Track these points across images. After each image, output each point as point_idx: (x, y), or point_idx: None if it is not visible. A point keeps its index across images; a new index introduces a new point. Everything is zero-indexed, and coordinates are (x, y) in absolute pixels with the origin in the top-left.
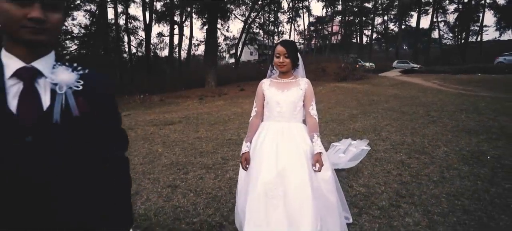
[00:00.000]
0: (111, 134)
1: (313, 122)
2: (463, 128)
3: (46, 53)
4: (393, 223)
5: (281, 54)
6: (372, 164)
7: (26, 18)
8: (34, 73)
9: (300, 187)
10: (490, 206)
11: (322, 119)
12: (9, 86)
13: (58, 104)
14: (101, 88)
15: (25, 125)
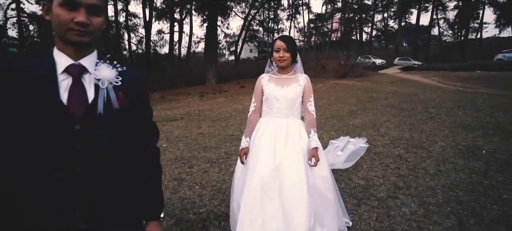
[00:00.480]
0: (145, 126)
1: (311, 117)
2: (460, 124)
3: (90, 52)
4: (390, 213)
5: (281, 48)
6: (371, 158)
7: (73, 22)
8: (81, 69)
9: (296, 182)
10: (483, 197)
11: (322, 115)
12: (60, 81)
13: (101, 97)
14: (136, 84)
15: (74, 115)
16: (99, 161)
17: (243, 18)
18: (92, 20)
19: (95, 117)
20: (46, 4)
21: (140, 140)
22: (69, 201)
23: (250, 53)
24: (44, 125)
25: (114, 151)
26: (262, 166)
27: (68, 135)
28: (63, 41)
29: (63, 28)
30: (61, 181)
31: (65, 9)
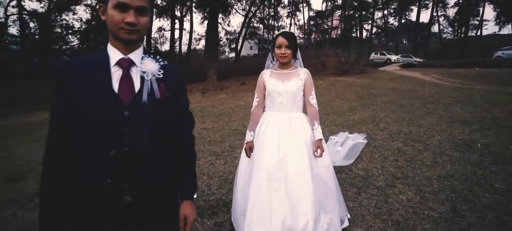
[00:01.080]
0: (183, 115)
1: (313, 110)
2: (457, 119)
3: (138, 48)
4: (388, 200)
5: (283, 45)
6: (371, 151)
7: (123, 22)
8: (129, 62)
9: (300, 172)
10: (476, 186)
11: (323, 111)
12: (113, 72)
13: (146, 88)
14: (175, 77)
15: (123, 102)
16: (143, 144)
17: (243, 15)
18: (139, 20)
19: (140, 105)
20: (102, 6)
21: (178, 127)
22: (118, 176)
23: (250, 50)
24: (99, 110)
25: (156, 135)
26: (268, 158)
27: (118, 119)
28: (116, 38)
29: (116, 27)
30: (113, 158)
31: (118, 10)
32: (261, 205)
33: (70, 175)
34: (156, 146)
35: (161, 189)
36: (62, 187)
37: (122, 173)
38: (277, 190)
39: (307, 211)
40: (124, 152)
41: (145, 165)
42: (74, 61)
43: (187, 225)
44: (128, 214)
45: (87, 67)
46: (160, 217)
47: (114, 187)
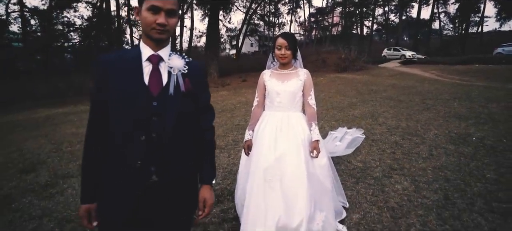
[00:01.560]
0: (205, 107)
1: (312, 111)
2: (454, 114)
3: (166, 45)
4: (384, 189)
5: (283, 46)
6: (369, 145)
7: (155, 23)
8: (159, 58)
9: (296, 172)
10: (468, 176)
11: (323, 106)
12: (144, 67)
13: (173, 81)
14: (199, 73)
15: (153, 94)
16: (169, 131)
17: (244, 12)
18: (169, 21)
19: (167, 97)
20: (137, 8)
21: (200, 118)
22: (147, 159)
23: (251, 47)
24: (132, 100)
25: (180, 124)
26: (265, 157)
27: (148, 109)
28: (148, 37)
29: (148, 27)
30: (143, 143)
31: (151, 12)
32: (256, 204)
33: (106, 155)
34: (180, 134)
35: (183, 173)
36: (100, 165)
37: (150, 156)
38: (272, 189)
39: (302, 209)
40: (152, 137)
41: (170, 150)
42: (111, 57)
43: (206, 207)
44: (154, 192)
45: (122, 62)
46: (181, 197)
47: (143, 168)
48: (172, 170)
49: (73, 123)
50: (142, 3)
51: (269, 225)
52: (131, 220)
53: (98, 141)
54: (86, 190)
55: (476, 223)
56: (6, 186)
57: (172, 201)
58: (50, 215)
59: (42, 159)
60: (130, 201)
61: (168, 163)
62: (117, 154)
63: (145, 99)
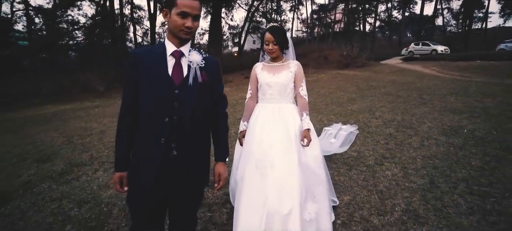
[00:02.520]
0: (219, 96)
1: (303, 101)
2: (450, 108)
3: (187, 43)
4: (375, 175)
5: (270, 41)
6: (364, 136)
7: (184, 26)
8: (180, 54)
9: (287, 160)
10: (455, 164)
11: (322, 102)
12: (168, 60)
13: (192, 73)
14: (214, 67)
15: (175, 83)
16: (188, 115)
17: (246, 9)
18: (194, 24)
19: (187, 86)
20: (166, 11)
21: (215, 105)
22: (169, 137)
23: (253, 44)
24: (158, 88)
25: (198, 110)
26: (256, 147)
27: (171, 95)
28: (175, 36)
29: (177, 29)
30: (166, 123)
31: (180, 17)
32: (248, 191)
33: (136, 132)
34: (197, 117)
35: (198, 149)
36: (130, 138)
37: (172, 135)
38: (264, 177)
39: (293, 196)
40: (174, 120)
41: (189, 130)
42: (142, 51)
43: (221, 180)
44: (176, 163)
45: (151, 56)
46: (196, 170)
47: (166, 144)
48: (189, 147)
49: (81, 118)
50: (172, 8)
51: (261, 212)
52: (154, 187)
53: (129, 121)
54: (119, 160)
55: (456, 203)
56: (25, 173)
57: (188, 173)
58: (68, 197)
59: (56, 150)
60: (154, 171)
61: (186, 141)
62: (145, 132)
63: (169, 88)
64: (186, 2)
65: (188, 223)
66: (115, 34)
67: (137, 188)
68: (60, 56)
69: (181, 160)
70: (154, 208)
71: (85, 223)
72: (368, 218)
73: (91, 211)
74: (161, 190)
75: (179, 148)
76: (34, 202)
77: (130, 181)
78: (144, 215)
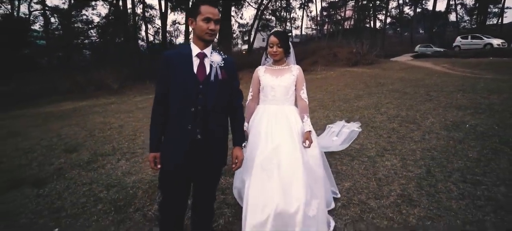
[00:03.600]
0: (235, 90)
1: (304, 104)
2: (455, 105)
3: (209, 45)
4: (375, 165)
5: (274, 44)
6: (368, 131)
7: (208, 29)
8: (204, 55)
9: (292, 160)
10: (452, 156)
11: (330, 98)
12: (194, 61)
13: (213, 72)
14: (231, 66)
15: (199, 79)
16: (210, 106)
17: (256, 8)
18: (216, 27)
19: (209, 82)
20: (191, 19)
21: (232, 98)
22: (195, 123)
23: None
24: (185, 83)
25: (217, 102)
26: (262, 148)
27: (196, 90)
28: (200, 39)
29: (203, 32)
30: (192, 113)
31: (204, 22)
32: (255, 193)
33: (167, 120)
34: (217, 108)
35: (218, 134)
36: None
37: (197, 122)
38: (270, 177)
39: (299, 195)
40: (198, 110)
41: (210, 119)
42: (172, 53)
43: (238, 162)
44: (200, 146)
45: (179, 57)
46: (216, 151)
47: (192, 130)
48: (210, 132)
49: (99, 113)
50: (197, 16)
51: (268, 212)
52: (182, 165)
53: (161, 110)
54: (153, 143)
55: (448, 189)
56: (56, 162)
57: (209, 154)
58: (97, 182)
59: (80, 142)
60: (182, 152)
61: (208, 127)
62: (175, 119)
63: (194, 84)
64: (209, 9)
65: (208, 198)
66: (128, 33)
67: (168, 166)
68: (75, 54)
69: (204, 142)
70: (181, 183)
71: (114, 203)
72: (365, 201)
73: (118, 193)
74: (187, 168)
75: (203, 132)
76: (67, 185)
77: (162, 160)
78: (173, 189)
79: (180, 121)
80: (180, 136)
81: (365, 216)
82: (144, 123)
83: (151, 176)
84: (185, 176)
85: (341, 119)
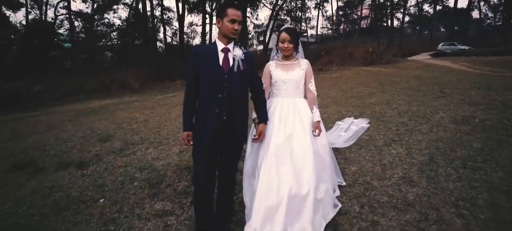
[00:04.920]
0: (255, 78)
1: (312, 96)
2: (468, 101)
3: (232, 41)
4: (382, 153)
5: (286, 40)
6: (377, 124)
7: (233, 28)
8: (227, 50)
9: (304, 147)
10: (456, 145)
11: (343, 96)
12: (219, 55)
13: (236, 64)
14: (251, 58)
15: (224, 70)
16: (234, 92)
17: (271, 8)
18: (239, 27)
19: (233, 72)
20: (219, 19)
21: (253, 84)
22: (221, 107)
23: None
24: (213, 74)
25: (240, 89)
26: (275, 137)
27: (222, 79)
28: (225, 37)
29: (229, 31)
30: (219, 98)
31: (230, 23)
32: (269, 177)
33: (198, 104)
34: (240, 93)
35: (240, 116)
36: (193, 108)
37: (223, 106)
38: (283, 164)
39: (310, 180)
40: (224, 95)
41: (234, 103)
42: (200, 49)
43: (261, 135)
44: (225, 126)
45: (207, 52)
46: (239, 127)
47: (219, 113)
48: (234, 113)
49: (124, 110)
50: (224, 17)
51: (282, 194)
52: (211, 141)
53: (192, 96)
54: (186, 123)
55: (447, 173)
56: (93, 149)
57: (233, 130)
58: (131, 165)
59: (111, 133)
60: (211, 130)
61: (233, 110)
62: (205, 104)
63: (220, 74)
64: (234, 12)
65: (231, 169)
66: (147, 35)
67: (199, 142)
68: (97, 56)
69: (229, 123)
70: (210, 157)
71: (147, 180)
72: (369, 182)
73: (150, 173)
74: (215, 144)
75: (228, 114)
76: (105, 167)
77: (194, 137)
78: (203, 162)
79: (209, 105)
80: (209, 117)
81: (368, 193)
82: (166, 118)
83: (178, 160)
84: (213, 150)
85: (353, 114)
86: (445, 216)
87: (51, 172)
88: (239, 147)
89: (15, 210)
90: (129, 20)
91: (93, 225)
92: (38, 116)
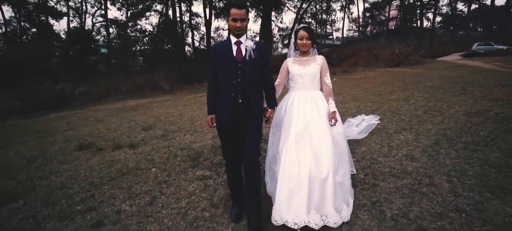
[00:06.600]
0: (266, 67)
1: (328, 88)
2: (488, 97)
3: (243, 35)
4: (391, 138)
5: (304, 37)
6: (392, 116)
7: (235, 26)
8: (239, 43)
9: (322, 134)
10: (464, 133)
11: (363, 93)
12: (233, 47)
13: (248, 54)
14: (262, 49)
15: (238, 60)
16: (247, 78)
17: (295, 12)
18: (242, 24)
19: (245, 61)
20: (227, 19)
21: (264, 72)
22: (237, 91)
23: None
24: (228, 64)
25: (252, 75)
26: (295, 125)
27: (236, 67)
28: (232, 33)
29: (232, 28)
30: (235, 84)
31: (232, 21)
32: (291, 162)
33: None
34: (253, 80)
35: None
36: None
37: (238, 90)
38: (303, 149)
39: (329, 164)
40: (239, 81)
41: (248, 88)
42: (217, 45)
43: (271, 117)
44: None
45: (223, 46)
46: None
47: (235, 96)
48: (248, 97)
49: (159, 107)
50: (228, 16)
51: (303, 175)
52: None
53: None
54: (210, 107)
55: (447, 153)
56: (139, 136)
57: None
58: (173, 146)
59: (152, 124)
60: (229, 111)
61: (246, 93)
62: (223, 90)
63: (234, 63)
64: (235, 11)
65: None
66: (177, 40)
67: (220, 120)
68: (130, 60)
69: (244, 104)
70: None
71: (188, 156)
72: (375, 158)
73: (189, 151)
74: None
75: (242, 97)
76: (152, 148)
77: (216, 118)
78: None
79: (226, 90)
80: (227, 100)
81: (373, 166)
82: (199, 113)
83: (212, 142)
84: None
85: (370, 109)
86: (436, 181)
87: (109, 151)
88: (258, 124)
89: (90, 173)
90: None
91: (150, 183)
92: (85, 113)
